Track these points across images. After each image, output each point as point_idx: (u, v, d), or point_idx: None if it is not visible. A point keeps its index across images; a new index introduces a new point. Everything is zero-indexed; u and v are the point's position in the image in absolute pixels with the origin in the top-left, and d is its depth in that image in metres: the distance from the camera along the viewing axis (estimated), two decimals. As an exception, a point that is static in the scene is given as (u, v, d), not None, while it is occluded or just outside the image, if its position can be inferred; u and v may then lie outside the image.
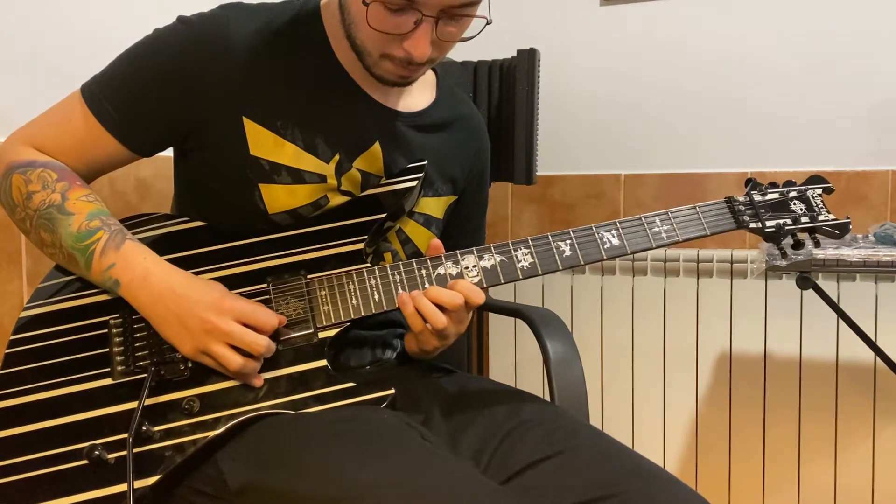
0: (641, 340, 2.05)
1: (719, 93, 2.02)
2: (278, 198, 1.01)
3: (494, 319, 2.12)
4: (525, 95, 1.70)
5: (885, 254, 1.40)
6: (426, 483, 0.78)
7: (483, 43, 1.10)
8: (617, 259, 2.05)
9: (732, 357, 1.98)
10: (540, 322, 1.25)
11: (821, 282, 1.79)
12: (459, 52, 1.80)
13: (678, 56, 2.06)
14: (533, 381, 2.10)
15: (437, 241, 1.00)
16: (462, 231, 1.21)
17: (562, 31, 2.17)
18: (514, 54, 1.71)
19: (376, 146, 1.06)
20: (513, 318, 1.60)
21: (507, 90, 1.73)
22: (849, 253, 1.40)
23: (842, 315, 1.63)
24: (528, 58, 1.69)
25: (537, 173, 1.77)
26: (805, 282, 1.51)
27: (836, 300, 1.76)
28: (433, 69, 1.18)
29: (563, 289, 2.12)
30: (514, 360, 2.16)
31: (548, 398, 1.14)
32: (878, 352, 1.65)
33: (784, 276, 1.89)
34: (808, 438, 1.91)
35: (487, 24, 0.96)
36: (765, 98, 1.98)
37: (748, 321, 1.94)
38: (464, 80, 1.75)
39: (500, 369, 2.16)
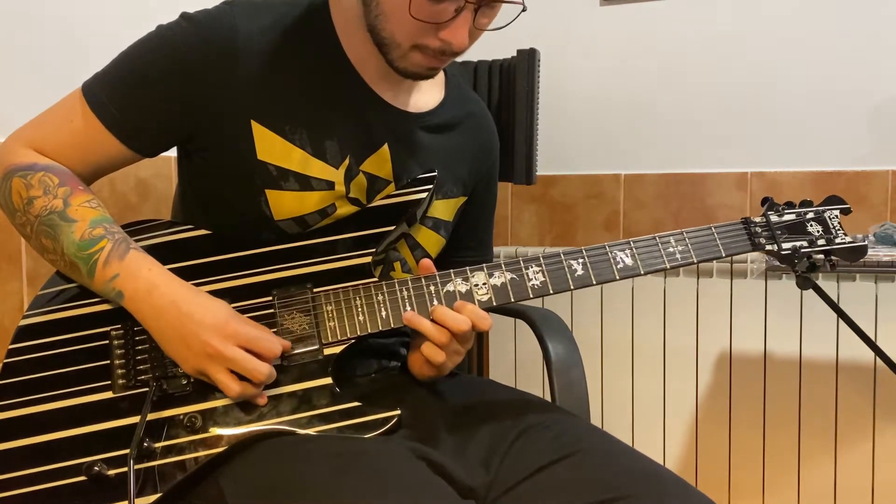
0: (641, 341, 2.05)
1: (719, 93, 2.02)
2: (285, 204, 0.98)
3: (494, 319, 2.09)
4: (525, 95, 1.70)
5: (885, 254, 1.40)
6: None
7: (483, 43, 1.10)
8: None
9: (732, 357, 1.97)
10: (541, 322, 1.24)
11: (821, 282, 1.79)
12: (459, 52, 1.80)
13: (678, 56, 2.06)
14: (533, 381, 2.10)
15: (427, 261, 0.97)
16: (471, 231, 1.19)
17: (562, 31, 2.17)
18: (514, 54, 1.71)
19: (384, 148, 1.04)
20: (513, 318, 1.60)
21: (507, 90, 1.73)
22: (849, 253, 1.40)
23: (842, 315, 1.62)
24: (528, 58, 1.69)
25: (537, 173, 1.77)
26: (805, 282, 1.50)
27: (836, 300, 1.76)
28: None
29: (563, 289, 2.11)
30: (514, 360, 2.15)
31: (548, 398, 1.14)
32: (878, 352, 1.64)
33: (784, 276, 1.89)
34: (808, 438, 1.91)
35: (523, 10, 0.96)
36: (765, 98, 1.98)
37: (748, 321, 1.94)
38: (463, 81, 1.74)
39: (501, 369, 2.16)
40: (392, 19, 0.93)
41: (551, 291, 0.96)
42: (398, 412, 0.91)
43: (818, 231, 1.03)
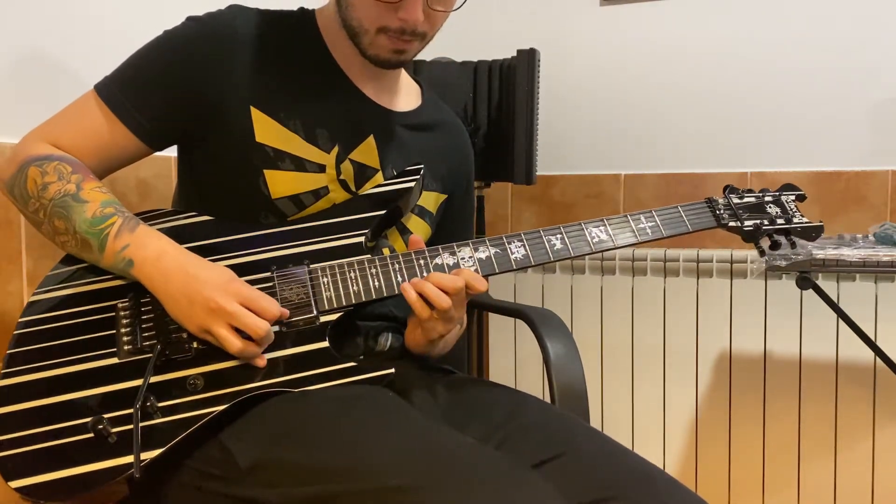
0: (641, 340, 2.05)
1: (719, 93, 2.03)
2: (281, 183, 1.05)
3: (494, 319, 2.12)
4: (525, 95, 1.70)
5: (885, 254, 1.39)
6: (436, 452, 0.81)
7: (483, 43, 1.10)
8: (617, 259, 2.05)
9: (732, 357, 1.98)
10: (540, 322, 1.25)
11: (821, 282, 1.79)
12: (459, 52, 1.80)
13: (678, 56, 2.06)
14: (533, 381, 2.10)
15: (416, 236, 1.05)
16: (452, 235, 1.24)
17: (562, 31, 2.17)
18: (514, 54, 1.71)
19: (371, 139, 1.12)
20: (513, 319, 1.60)
21: (507, 90, 1.73)
22: (849, 253, 1.40)
23: (842, 315, 1.63)
24: (528, 58, 1.70)
25: (537, 173, 1.77)
26: (805, 282, 1.51)
27: (836, 300, 1.76)
28: (417, 82, 1.25)
29: (563, 289, 2.12)
30: (514, 360, 2.16)
31: (548, 398, 1.14)
32: (878, 352, 1.65)
33: (784, 276, 1.89)
34: (808, 438, 1.91)
35: None
36: (765, 98, 1.98)
37: (748, 321, 1.94)
38: (464, 80, 1.75)
39: (500, 369, 2.16)
40: (358, 7, 1.04)
41: (533, 263, 1.03)
42: (392, 370, 0.96)
43: (777, 212, 1.12)
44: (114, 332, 0.96)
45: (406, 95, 1.21)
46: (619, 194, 2.13)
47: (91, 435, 0.89)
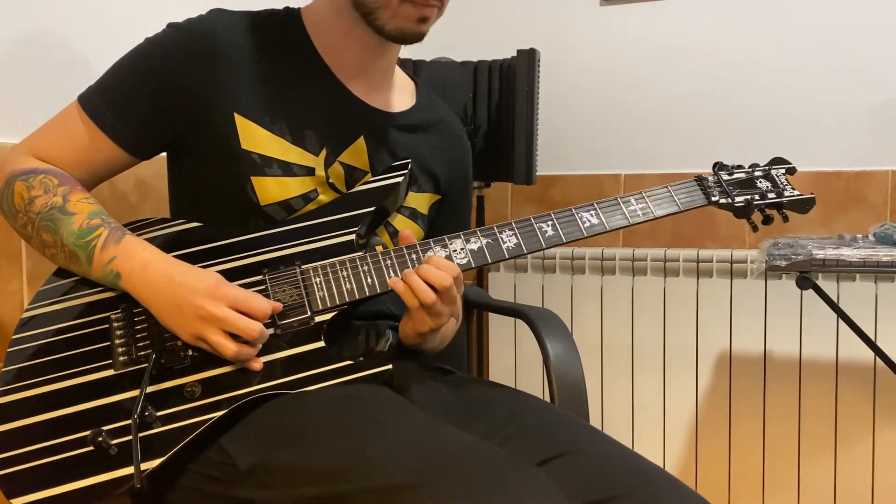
0: (641, 340, 2.05)
1: (719, 93, 2.03)
2: (270, 190, 1.04)
3: (494, 319, 2.12)
4: (525, 95, 1.70)
5: (885, 254, 1.39)
6: (437, 449, 0.80)
7: (483, 43, 1.10)
8: (617, 259, 2.05)
9: (732, 357, 1.98)
10: (540, 322, 1.25)
11: (821, 282, 1.79)
12: (459, 52, 1.80)
13: (678, 56, 2.06)
14: (533, 381, 2.10)
15: (406, 231, 1.04)
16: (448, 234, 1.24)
17: (562, 31, 2.17)
18: (514, 54, 1.71)
19: (361, 141, 1.10)
20: (513, 318, 1.60)
21: (507, 90, 1.73)
22: (849, 253, 1.40)
23: (842, 315, 1.63)
24: (528, 58, 1.70)
25: (537, 173, 1.77)
26: (805, 282, 1.51)
27: (836, 300, 1.76)
28: (412, 78, 1.23)
29: (563, 289, 2.11)
30: (514, 360, 2.15)
31: (548, 398, 1.14)
32: (878, 352, 1.65)
33: (784, 276, 1.89)
34: (808, 438, 1.91)
35: None
36: (765, 98, 1.98)
37: (748, 321, 1.94)
38: (464, 80, 1.75)
39: (500, 369, 2.16)
40: None
41: (525, 251, 1.02)
42: (390, 367, 0.95)
43: (767, 186, 1.12)
44: (108, 343, 0.96)
45: (400, 94, 1.18)
46: (619, 194, 2.13)
47: (91, 448, 0.89)
